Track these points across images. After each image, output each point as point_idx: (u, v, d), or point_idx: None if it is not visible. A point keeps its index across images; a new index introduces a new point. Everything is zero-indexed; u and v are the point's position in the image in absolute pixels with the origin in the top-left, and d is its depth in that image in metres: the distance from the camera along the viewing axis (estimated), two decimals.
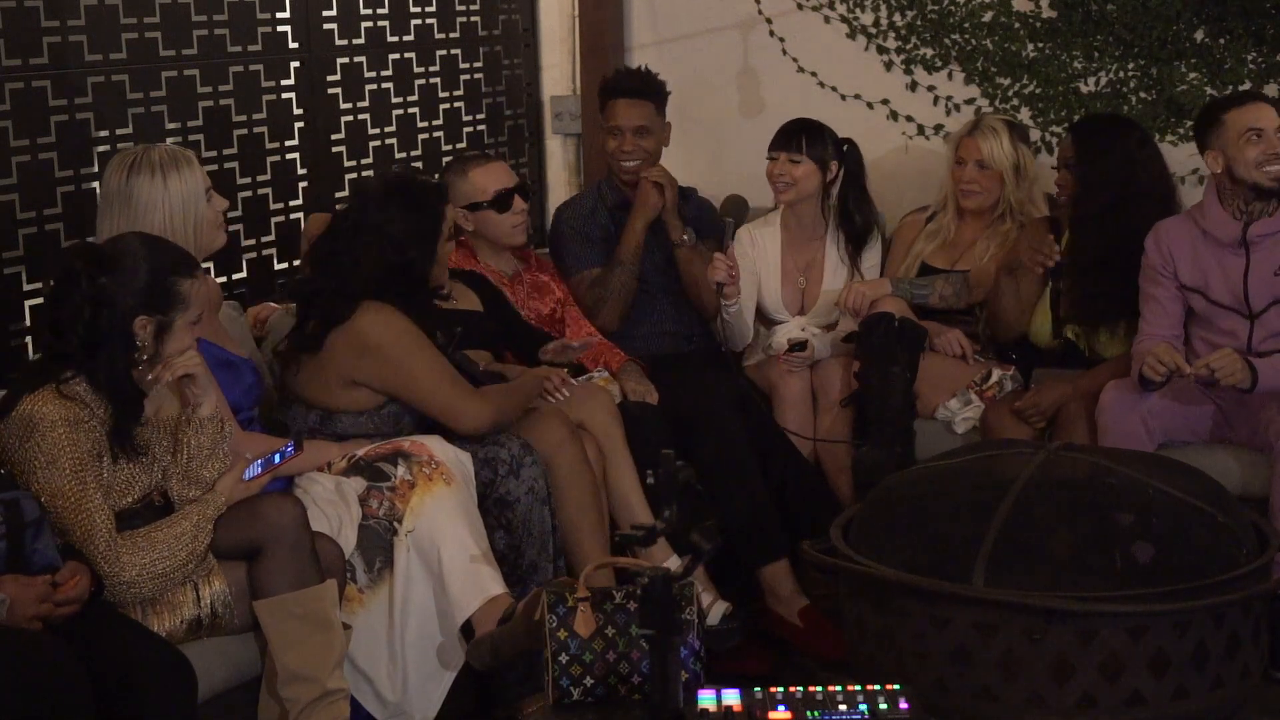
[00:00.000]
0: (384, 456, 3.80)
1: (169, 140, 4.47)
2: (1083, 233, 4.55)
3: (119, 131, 4.37)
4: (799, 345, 4.67)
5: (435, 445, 3.85)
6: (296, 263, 4.85)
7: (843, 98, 5.37)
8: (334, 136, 5.10)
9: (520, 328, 4.55)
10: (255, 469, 3.50)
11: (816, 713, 2.86)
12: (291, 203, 5.00)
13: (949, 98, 5.37)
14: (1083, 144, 4.56)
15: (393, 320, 3.87)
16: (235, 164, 4.78)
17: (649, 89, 4.94)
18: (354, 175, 5.16)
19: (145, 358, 3.32)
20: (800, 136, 4.88)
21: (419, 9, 5.41)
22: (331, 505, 3.68)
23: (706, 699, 2.88)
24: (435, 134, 5.50)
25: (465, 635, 3.71)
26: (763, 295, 5.00)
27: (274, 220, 4.95)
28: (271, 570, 3.41)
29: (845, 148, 4.94)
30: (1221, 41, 4.99)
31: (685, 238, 4.84)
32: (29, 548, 3.12)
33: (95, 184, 4.30)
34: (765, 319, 5.03)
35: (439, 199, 4.04)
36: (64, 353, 3.30)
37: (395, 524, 3.70)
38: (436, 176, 4.73)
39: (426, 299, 4.04)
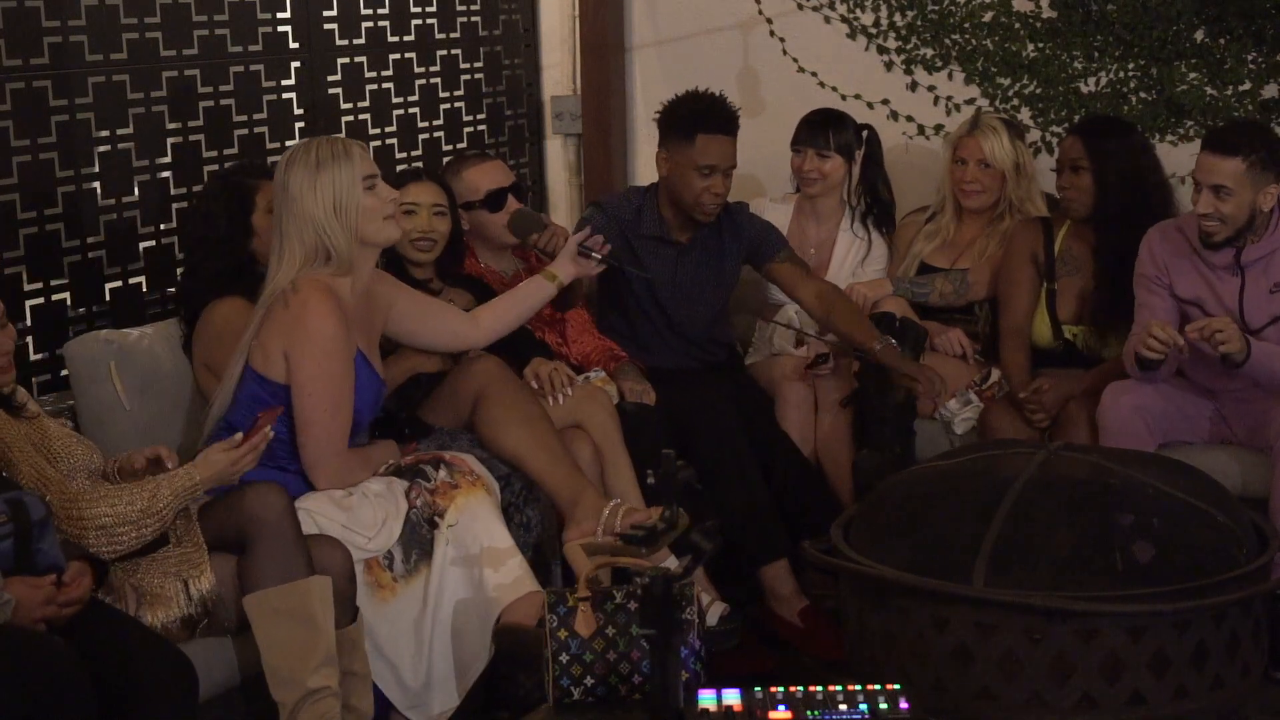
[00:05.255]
0: (426, 461, 3.84)
1: (169, 140, 4.48)
2: (1108, 233, 4.55)
3: (119, 131, 4.36)
4: (823, 358, 4.65)
5: (473, 462, 3.90)
6: None
7: (843, 98, 5.37)
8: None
9: (514, 334, 4.54)
10: (237, 439, 3.48)
11: (816, 713, 2.86)
12: None
13: (949, 98, 5.37)
14: (1093, 145, 4.53)
15: (234, 314, 3.93)
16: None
17: (736, 124, 4.59)
18: None
19: None
20: (828, 131, 4.92)
21: (419, 9, 5.41)
22: (380, 499, 3.71)
23: (707, 699, 2.89)
24: (436, 134, 5.49)
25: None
26: None
27: None
28: (257, 561, 3.40)
29: (865, 133, 5.00)
30: (1221, 41, 4.99)
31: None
32: (34, 547, 3.12)
33: (96, 184, 4.30)
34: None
35: (250, 175, 4.13)
36: None
37: (437, 518, 3.74)
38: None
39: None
